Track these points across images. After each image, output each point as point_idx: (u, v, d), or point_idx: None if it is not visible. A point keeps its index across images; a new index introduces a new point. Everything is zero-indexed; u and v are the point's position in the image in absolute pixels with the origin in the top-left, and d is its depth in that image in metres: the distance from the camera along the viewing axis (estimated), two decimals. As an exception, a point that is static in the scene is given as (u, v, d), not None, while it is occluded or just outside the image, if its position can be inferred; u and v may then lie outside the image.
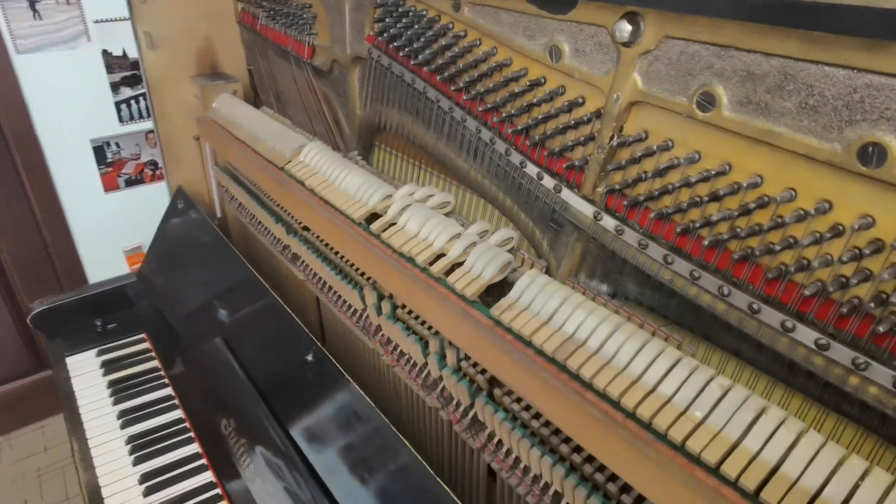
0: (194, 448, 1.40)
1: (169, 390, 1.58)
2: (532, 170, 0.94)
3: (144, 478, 1.33)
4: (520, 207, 1.02)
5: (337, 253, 1.26)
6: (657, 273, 0.80)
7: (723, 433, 0.62)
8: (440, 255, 0.98)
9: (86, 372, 1.66)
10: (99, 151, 2.58)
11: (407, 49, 1.12)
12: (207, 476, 1.33)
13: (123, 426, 1.48)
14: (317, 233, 1.25)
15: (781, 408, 0.64)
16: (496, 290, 0.94)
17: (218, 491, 1.29)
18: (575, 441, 0.81)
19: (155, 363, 1.68)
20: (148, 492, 1.29)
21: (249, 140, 1.48)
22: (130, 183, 2.70)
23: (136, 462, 1.37)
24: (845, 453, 0.57)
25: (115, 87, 2.52)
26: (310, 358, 1.18)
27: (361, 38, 1.27)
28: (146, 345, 1.75)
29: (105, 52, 2.45)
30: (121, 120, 2.58)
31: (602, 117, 0.81)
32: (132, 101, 2.58)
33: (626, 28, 0.72)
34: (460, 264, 0.95)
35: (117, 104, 2.56)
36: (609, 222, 0.84)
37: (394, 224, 1.07)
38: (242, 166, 1.53)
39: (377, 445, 1.02)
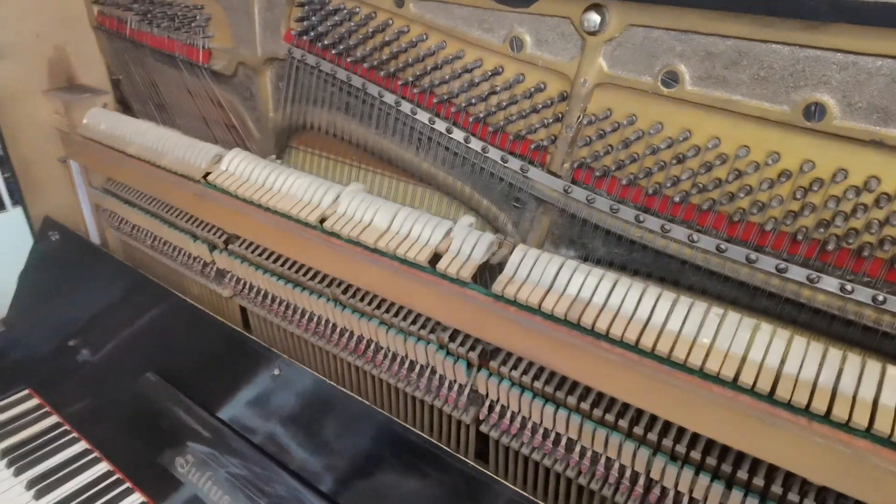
0: (137, 498, 1.27)
1: (83, 445, 1.40)
2: (495, 154, 1.00)
3: (87, 543, 1.18)
4: (479, 192, 1.08)
5: (276, 260, 1.22)
6: (628, 232, 0.92)
7: (731, 352, 0.75)
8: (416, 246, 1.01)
9: (-35, 446, 1.40)
10: None
11: (341, 46, 1.11)
12: (164, 524, 1.22)
13: (38, 496, 1.28)
14: (262, 243, 1.20)
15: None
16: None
17: (182, 536, 1.19)
18: (585, 389, 0.90)
19: (54, 419, 1.47)
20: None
21: (147, 155, 1.36)
22: (-52, 222, 2.27)
23: (71, 529, 1.21)
24: (825, 349, 0.73)
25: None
26: (277, 372, 1.13)
27: (277, 38, 1.23)
28: (35, 401, 1.52)
29: None
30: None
31: (569, 100, 0.90)
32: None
33: (595, 19, 0.81)
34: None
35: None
36: (580, 193, 0.94)
37: (351, 219, 1.06)
38: (143, 185, 1.39)
39: (367, 436, 1.03)
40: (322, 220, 1.09)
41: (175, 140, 1.34)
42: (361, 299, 1.11)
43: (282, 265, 1.22)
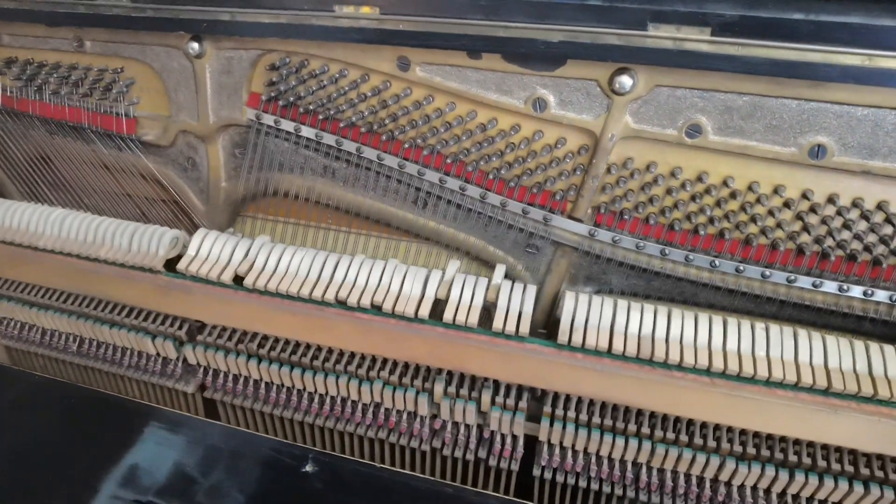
0: None
1: None
2: (516, 207, 1.03)
3: None
4: (491, 243, 1.10)
5: (266, 346, 1.11)
6: (651, 265, 1.02)
7: (784, 359, 0.88)
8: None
9: None
10: None
11: (331, 111, 1.05)
12: None
13: None
14: (264, 331, 1.08)
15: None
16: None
17: None
18: (637, 413, 0.98)
19: None
20: None
21: (73, 248, 1.14)
22: None
23: None
24: (850, 342, 0.89)
25: None
26: (309, 468, 1.03)
27: (236, 104, 1.12)
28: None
29: None
30: None
31: (595, 153, 0.96)
32: None
33: (628, 82, 0.89)
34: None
35: None
36: (605, 235, 1.01)
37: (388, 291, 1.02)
38: (67, 283, 1.16)
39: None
40: (339, 299, 1.03)
41: (109, 226, 1.14)
42: (391, 372, 1.06)
43: (275, 350, 1.11)
